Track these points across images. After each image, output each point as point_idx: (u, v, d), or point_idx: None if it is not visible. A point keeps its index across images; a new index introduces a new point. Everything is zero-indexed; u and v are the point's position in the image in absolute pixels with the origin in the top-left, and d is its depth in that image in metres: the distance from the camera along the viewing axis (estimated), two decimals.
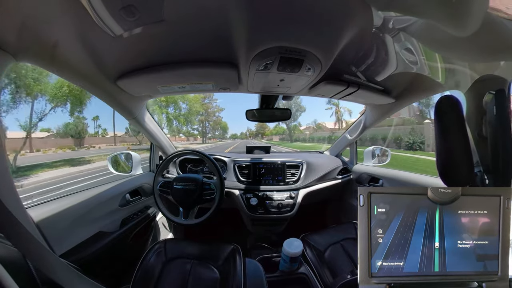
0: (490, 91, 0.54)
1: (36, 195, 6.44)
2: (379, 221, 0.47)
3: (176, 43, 0.70)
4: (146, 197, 1.36)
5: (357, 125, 1.64)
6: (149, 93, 1.06)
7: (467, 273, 0.47)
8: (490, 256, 0.47)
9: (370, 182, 1.60)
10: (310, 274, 1.05)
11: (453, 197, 0.47)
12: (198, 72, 0.86)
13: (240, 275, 0.86)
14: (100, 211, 1.01)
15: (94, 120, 27.48)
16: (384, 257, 0.47)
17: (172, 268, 0.92)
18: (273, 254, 1.24)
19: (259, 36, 0.63)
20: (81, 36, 0.62)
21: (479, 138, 0.57)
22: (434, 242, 0.46)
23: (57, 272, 0.37)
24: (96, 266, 0.93)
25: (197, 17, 0.58)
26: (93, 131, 27.80)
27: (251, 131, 69.04)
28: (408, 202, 0.47)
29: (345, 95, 1.10)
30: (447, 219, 0.47)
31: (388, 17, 0.60)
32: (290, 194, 1.46)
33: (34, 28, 0.54)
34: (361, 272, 0.47)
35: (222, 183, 1.14)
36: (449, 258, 0.46)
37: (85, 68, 0.75)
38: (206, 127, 45.95)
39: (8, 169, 0.58)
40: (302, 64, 0.75)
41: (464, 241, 0.47)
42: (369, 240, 0.46)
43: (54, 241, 0.76)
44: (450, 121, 0.53)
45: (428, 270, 0.46)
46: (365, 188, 0.48)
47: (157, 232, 1.61)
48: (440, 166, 0.55)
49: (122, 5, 0.50)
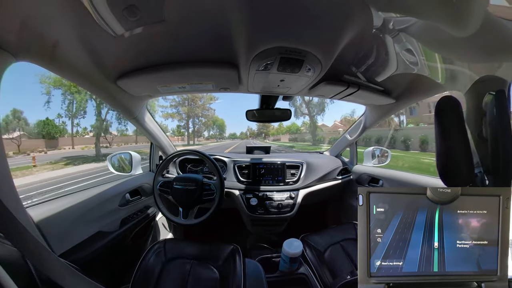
0: (490, 92, 0.54)
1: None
2: (378, 221, 0.47)
3: (177, 43, 0.70)
4: (146, 197, 1.36)
5: (357, 125, 1.64)
6: (149, 93, 1.06)
7: (466, 273, 0.47)
8: (489, 256, 0.47)
9: (370, 182, 1.60)
10: (310, 275, 1.04)
11: (452, 197, 0.47)
12: (198, 72, 0.86)
13: (240, 275, 0.86)
14: (100, 211, 1.01)
15: (58, 118, 22.22)
16: (383, 257, 0.47)
17: (171, 268, 0.92)
18: (273, 255, 1.24)
19: (259, 37, 0.63)
20: (82, 36, 0.62)
21: (479, 139, 0.57)
22: (433, 242, 0.46)
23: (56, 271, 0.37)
24: (96, 266, 0.92)
25: (197, 17, 0.59)
26: (73, 129, 24.04)
27: (252, 130, 67.11)
28: (407, 201, 0.47)
29: (345, 95, 1.10)
30: (446, 219, 0.47)
31: (388, 17, 0.60)
32: (290, 194, 1.46)
33: (35, 27, 0.54)
34: (360, 272, 0.47)
35: (222, 184, 1.14)
36: (448, 258, 0.46)
37: (85, 68, 0.75)
38: (195, 124, 38.34)
39: (8, 169, 0.58)
40: (302, 65, 0.75)
41: (463, 241, 0.47)
42: (368, 239, 0.46)
43: (53, 241, 0.76)
44: (450, 121, 0.53)
45: (427, 270, 0.46)
46: (364, 188, 0.48)
47: (156, 232, 1.61)
48: (440, 166, 0.55)
49: (125, 5, 0.50)
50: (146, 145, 1.61)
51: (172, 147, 1.55)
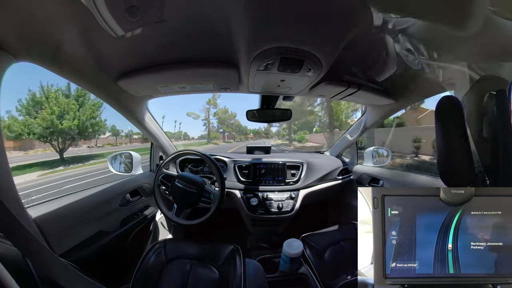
0: (491, 91, 0.54)
1: None
2: (392, 223, 0.47)
3: (177, 43, 0.70)
4: (146, 197, 1.36)
5: (357, 125, 1.64)
6: (149, 93, 1.06)
7: (481, 275, 0.46)
8: (504, 258, 0.46)
9: (370, 182, 1.60)
10: (310, 275, 1.04)
11: (466, 198, 0.46)
12: (198, 72, 0.86)
13: (240, 275, 0.85)
14: (100, 211, 1.01)
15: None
16: (398, 259, 0.47)
17: (172, 268, 0.92)
18: (273, 255, 1.24)
19: (259, 37, 0.63)
20: (82, 36, 0.62)
21: (480, 139, 0.57)
22: (447, 243, 0.46)
23: (56, 271, 0.37)
24: (96, 265, 0.92)
25: (198, 18, 0.59)
26: None
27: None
28: (420, 203, 0.47)
29: (345, 95, 1.10)
30: (460, 220, 0.46)
31: (388, 18, 0.60)
32: (290, 194, 1.46)
33: (35, 28, 0.54)
34: (376, 273, 0.47)
35: (222, 195, 1.13)
36: (463, 259, 0.46)
37: (86, 68, 0.75)
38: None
39: (8, 168, 0.58)
40: (302, 65, 0.75)
41: (478, 243, 0.46)
42: (383, 242, 0.47)
43: (54, 241, 0.76)
44: (451, 121, 0.53)
45: (443, 271, 0.46)
46: (378, 190, 0.48)
47: (157, 232, 1.61)
48: (441, 166, 0.55)
49: (125, 6, 0.50)
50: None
51: (172, 147, 1.55)
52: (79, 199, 0.93)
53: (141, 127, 1.25)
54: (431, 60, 0.76)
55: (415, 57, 0.75)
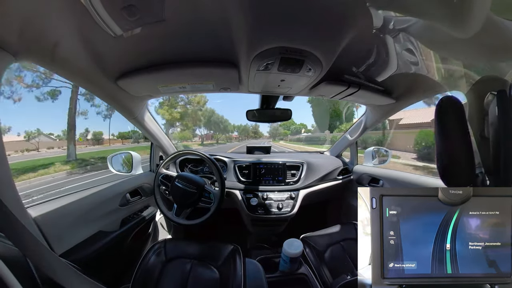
0: (492, 91, 0.54)
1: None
2: (390, 223, 0.47)
3: (177, 43, 0.70)
4: (146, 197, 1.36)
5: (357, 125, 1.64)
6: (149, 93, 1.06)
7: (479, 275, 0.46)
8: (502, 258, 0.46)
9: (370, 182, 1.60)
10: (310, 275, 1.04)
11: (464, 198, 0.46)
12: (198, 72, 0.86)
13: (240, 275, 0.86)
14: (100, 211, 1.01)
15: None
16: (396, 259, 0.47)
17: (172, 268, 0.92)
18: (273, 255, 1.24)
19: (259, 37, 0.62)
20: (82, 36, 0.62)
21: (481, 139, 0.57)
22: (446, 243, 0.46)
23: (57, 271, 0.37)
24: (96, 265, 0.92)
25: (197, 17, 0.58)
26: None
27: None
28: (419, 203, 0.47)
29: (346, 95, 1.10)
30: (458, 221, 0.46)
31: (388, 17, 0.60)
32: (290, 194, 1.46)
33: (35, 27, 0.54)
34: (374, 274, 0.47)
35: (222, 195, 1.14)
36: (461, 260, 0.46)
37: (85, 68, 0.75)
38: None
39: (8, 169, 0.58)
40: (302, 65, 0.75)
41: (476, 243, 0.46)
42: (381, 242, 0.47)
43: (54, 241, 0.76)
44: (451, 121, 0.53)
45: (441, 272, 0.46)
46: (377, 190, 0.48)
47: (156, 232, 1.61)
48: (441, 167, 0.55)
49: (123, 4, 0.50)
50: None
51: (172, 147, 1.55)
52: (79, 199, 0.93)
53: (141, 127, 1.25)
54: (432, 60, 0.76)
55: (415, 57, 0.75)
